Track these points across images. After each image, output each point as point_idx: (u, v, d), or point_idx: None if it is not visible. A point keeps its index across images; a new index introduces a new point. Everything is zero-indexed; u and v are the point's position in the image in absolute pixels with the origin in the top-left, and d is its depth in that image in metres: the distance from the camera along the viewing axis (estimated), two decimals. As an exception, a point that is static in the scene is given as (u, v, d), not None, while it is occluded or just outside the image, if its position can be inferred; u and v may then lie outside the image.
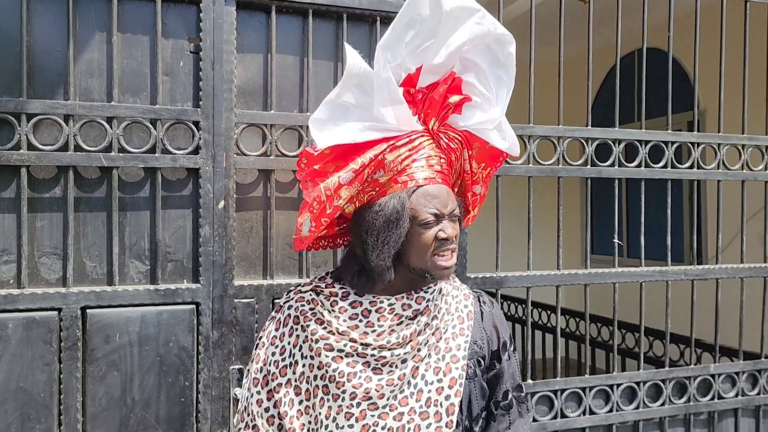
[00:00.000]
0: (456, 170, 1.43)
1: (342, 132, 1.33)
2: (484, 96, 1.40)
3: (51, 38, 1.72)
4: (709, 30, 2.44)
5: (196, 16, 1.82)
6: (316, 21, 1.93)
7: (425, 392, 1.29)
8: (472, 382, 1.36)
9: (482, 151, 1.45)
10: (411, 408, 1.28)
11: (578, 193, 5.96)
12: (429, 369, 1.31)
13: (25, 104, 1.67)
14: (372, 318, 1.32)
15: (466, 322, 1.39)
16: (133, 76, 1.79)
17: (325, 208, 1.29)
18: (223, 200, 1.82)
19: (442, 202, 1.31)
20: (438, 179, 1.33)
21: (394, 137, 1.33)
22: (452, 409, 1.28)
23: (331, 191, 1.28)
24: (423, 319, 1.32)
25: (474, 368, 1.37)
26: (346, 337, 1.30)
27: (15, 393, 1.66)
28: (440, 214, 1.30)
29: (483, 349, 1.40)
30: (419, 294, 1.35)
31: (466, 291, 1.46)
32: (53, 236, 1.73)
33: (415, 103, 1.39)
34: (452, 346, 1.34)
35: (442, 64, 1.38)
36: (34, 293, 1.68)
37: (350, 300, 1.34)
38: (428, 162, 1.34)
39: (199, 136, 1.80)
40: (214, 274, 1.81)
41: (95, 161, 1.72)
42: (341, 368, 1.28)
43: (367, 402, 1.27)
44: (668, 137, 2.33)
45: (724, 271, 2.42)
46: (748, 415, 2.47)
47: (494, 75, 1.41)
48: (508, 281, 2.14)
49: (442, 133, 1.39)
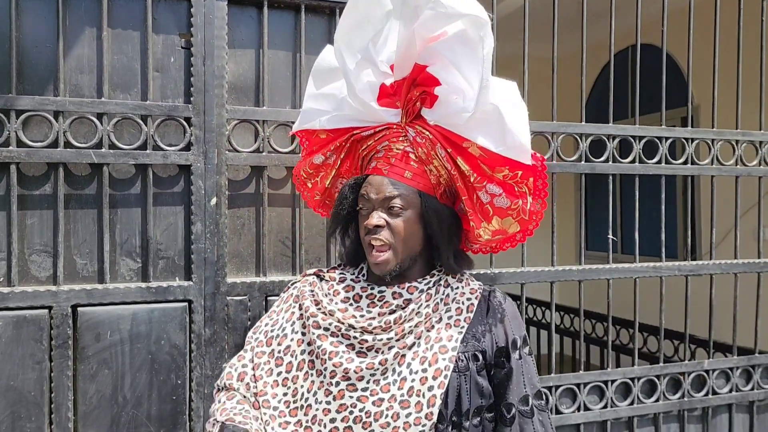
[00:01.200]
0: (435, 168, 1.34)
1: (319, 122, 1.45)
2: (453, 86, 1.30)
3: (40, 34, 1.71)
4: (702, 26, 2.44)
5: (187, 12, 1.80)
6: (308, 16, 1.92)
7: (408, 381, 1.27)
8: (463, 376, 1.30)
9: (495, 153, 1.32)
10: (392, 395, 1.26)
11: (572, 190, 5.97)
12: (416, 358, 1.29)
13: (14, 100, 1.65)
14: (362, 303, 1.35)
15: (464, 314, 1.34)
16: (124, 72, 1.77)
17: (315, 184, 1.51)
18: (215, 197, 1.80)
19: (374, 189, 1.31)
20: (384, 171, 1.32)
21: (361, 128, 1.38)
22: (433, 401, 1.25)
23: (307, 168, 1.50)
24: (411, 307, 1.31)
25: (467, 362, 1.31)
26: (333, 317, 1.32)
27: (5, 392, 1.65)
28: (368, 199, 1.32)
29: (483, 344, 1.34)
30: (412, 284, 1.35)
31: (474, 285, 1.41)
32: (43, 234, 1.72)
33: (395, 96, 1.39)
34: (443, 336, 1.31)
35: (404, 56, 1.34)
36: (24, 291, 1.67)
37: (345, 285, 1.39)
38: (387, 154, 1.35)
39: (191, 133, 1.78)
40: (206, 271, 1.80)
41: (85, 158, 1.71)
42: (324, 346, 1.30)
43: (346, 382, 1.27)
44: (662, 133, 2.32)
45: (718, 266, 2.42)
46: (742, 410, 2.48)
47: (467, 64, 1.28)
48: (502, 278, 2.13)
49: (410, 127, 1.36)
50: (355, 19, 1.36)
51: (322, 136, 1.46)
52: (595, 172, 2.25)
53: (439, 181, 1.36)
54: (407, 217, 1.31)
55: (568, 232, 6.09)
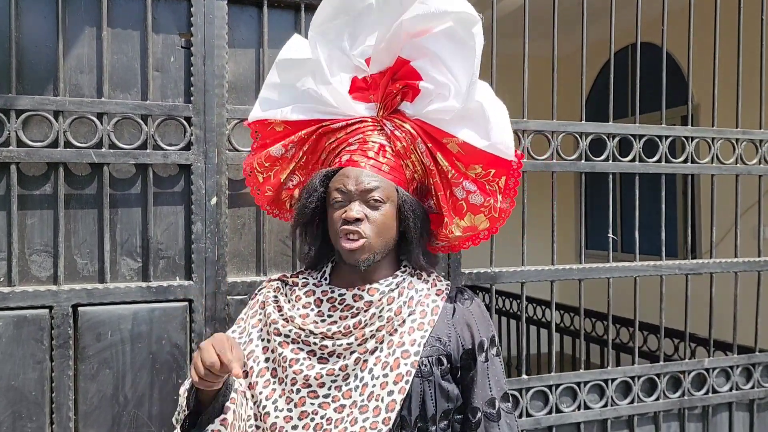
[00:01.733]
0: (413, 162, 1.35)
1: (280, 111, 1.40)
2: (438, 83, 1.30)
3: (40, 33, 1.71)
4: (702, 24, 2.44)
5: (187, 11, 1.80)
6: (308, 15, 1.91)
7: (369, 386, 1.23)
8: (427, 381, 1.27)
9: (474, 151, 1.33)
10: (353, 401, 1.23)
11: (573, 188, 5.97)
12: (378, 363, 1.25)
13: (14, 100, 1.65)
14: (323, 308, 1.31)
15: (429, 317, 1.30)
16: (124, 72, 1.77)
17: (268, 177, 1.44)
18: (216, 196, 1.80)
19: (353, 181, 1.28)
20: (362, 164, 1.30)
21: (330, 120, 1.35)
22: (393, 405, 1.22)
23: (262, 160, 1.42)
24: (372, 311, 1.28)
25: (430, 366, 1.28)
26: (293, 323, 1.30)
27: (6, 391, 1.65)
28: (346, 191, 1.28)
29: (448, 347, 1.31)
30: (373, 285, 1.31)
31: (441, 286, 1.37)
32: (44, 234, 1.72)
33: (369, 90, 1.37)
34: (406, 341, 1.27)
35: (386, 50, 1.33)
36: (25, 291, 1.67)
37: (306, 290, 1.35)
38: (361, 147, 1.32)
39: (191, 132, 1.78)
40: (206, 270, 1.80)
41: (86, 158, 1.71)
42: (285, 353, 1.28)
43: (307, 389, 1.25)
44: (662, 132, 2.32)
45: (718, 265, 2.42)
46: (742, 409, 2.48)
47: (455, 61, 1.28)
48: (502, 276, 2.13)
49: (388, 120, 1.34)
50: (333, 9, 1.36)
51: (278, 128, 1.41)
52: (595, 170, 2.25)
53: (414, 177, 1.36)
54: (385, 210, 1.29)
55: (568, 230, 6.10)
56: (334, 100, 1.34)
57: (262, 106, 1.45)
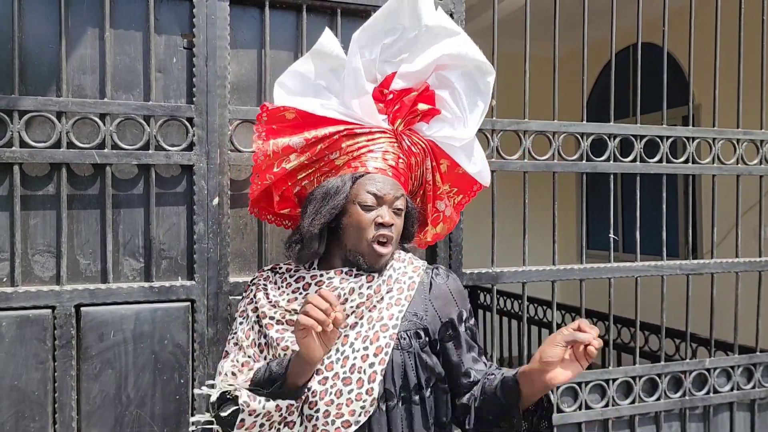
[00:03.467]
0: (417, 177, 1.49)
1: (306, 102, 1.46)
2: (454, 113, 1.49)
3: (43, 34, 1.71)
4: (703, 24, 2.44)
5: (189, 12, 1.81)
6: (310, 16, 1.92)
7: (351, 359, 1.31)
8: (407, 353, 1.36)
9: (452, 172, 1.54)
10: (335, 373, 1.30)
11: (574, 189, 5.96)
12: (359, 338, 1.33)
13: (17, 101, 1.66)
14: (311, 291, 1.38)
15: (405, 293, 1.40)
16: (126, 73, 1.78)
17: (272, 165, 1.43)
18: (218, 197, 1.81)
19: (384, 188, 1.37)
20: (389, 172, 1.40)
21: (354, 124, 1.42)
22: (374, 377, 1.30)
23: (279, 149, 1.42)
24: (350, 286, 1.36)
25: (409, 339, 1.37)
26: (278, 306, 1.38)
27: (9, 391, 1.66)
28: (381, 197, 1.36)
29: (424, 321, 1.40)
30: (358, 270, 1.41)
31: (418, 264, 1.47)
32: (47, 234, 1.72)
33: (386, 103, 1.47)
34: (384, 315, 1.36)
35: (416, 73, 1.47)
36: (28, 291, 1.67)
37: (297, 276, 1.43)
38: (383, 156, 1.41)
39: (193, 133, 1.79)
40: (208, 271, 1.80)
41: (88, 158, 1.71)
42: (271, 334, 1.37)
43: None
44: (663, 132, 2.32)
45: (719, 265, 2.42)
46: (743, 409, 2.48)
47: (470, 99, 1.50)
48: (503, 277, 2.14)
49: (406, 136, 1.46)
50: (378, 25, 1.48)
51: (289, 116, 1.45)
52: (597, 171, 2.25)
53: (411, 189, 1.49)
54: (401, 218, 1.42)
55: (569, 231, 6.09)
56: (362, 109, 1.41)
57: (286, 90, 1.51)
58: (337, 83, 1.49)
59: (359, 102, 1.41)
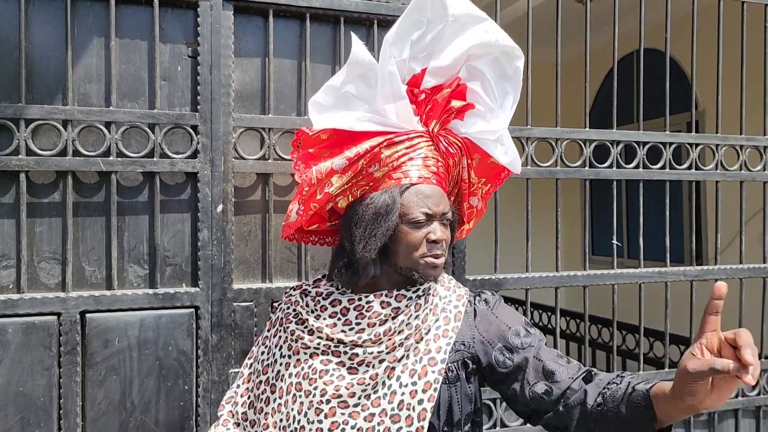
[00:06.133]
0: (453, 177, 1.40)
1: (340, 118, 1.34)
2: (487, 106, 1.38)
3: (49, 44, 1.73)
4: (706, 30, 2.44)
5: (194, 21, 1.82)
6: (313, 24, 1.93)
7: (398, 394, 1.24)
8: (453, 387, 1.29)
9: (483, 164, 1.44)
10: (383, 410, 1.23)
11: (577, 195, 5.96)
12: (405, 371, 1.25)
13: (23, 110, 1.67)
14: (350, 316, 1.30)
15: (452, 324, 1.31)
16: (132, 81, 1.79)
17: (315, 192, 1.30)
18: (222, 204, 1.82)
19: (434, 202, 1.29)
20: (433, 180, 1.31)
21: (392, 132, 1.32)
22: (424, 414, 1.22)
23: (323, 175, 1.29)
24: (401, 318, 1.28)
25: (456, 372, 1.29)
26: (321, 334, 1.29)
27: (15, 398, 1.67)
28: (432, 214, 1.28)
29: (472, 349, 1.31)
30: (400, 292, 1.30)
31: (461, 292, 1.39)
32: (52, 241, 1.73)
33: (418, 103, 1.38)
34: (432, 348, 1.28)
35: (446, 68, 1.37)
36: (34, 298, 1.69)
37: (331, 299, 1.33)
38: (425, 162, 1.32)
39: (198, 140, 1.80)
40: (212, 277, 1.81)
41: (94, 166, 1.73)
42: (315, 365, 1.27)
43: (337, 400, 1.25)
44: (666, 138, 2.33)
45: (723, 271, 2.42)
46: (748, 415, 2.47)
47: (500, 87, 1.40)
48: (506, 283, 2.14)
49: (442, 137, 1.37)
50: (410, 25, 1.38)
51: (323, 137, 1.35)
52: (599, 177, 2.26)
53: (449, 190, 1.39)
54: (448, 227, 1.34)
55: (574, 237, 6.09)
56: (398, 115, 1.32)
57: (315, 108, 1.40)
58: (367, 89, 1.37)
59: (395, 107, 1.32)
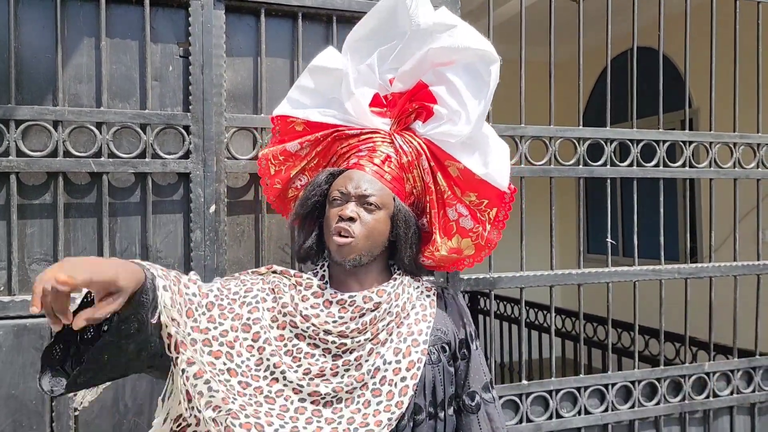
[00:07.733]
0: (414, 178, 1.44)
1: (309, 112, 1.51)
2: (451, 109, 1.41)
3: (39, 44, 1.72)
4: (700, 28, 2.44)
5: (185, 20, 1.81)
6: (305, 23, 1.93)
7: (381, 370, 1.30)
8: (436, 368, 1.37)
9: (470, 178, 1.44)
10: (364, 383, 1.29)
11: (571, 193, 5.96)
12: (389, 350, 1.32)
13: (13, 110, 1.66)
14: (333, 309, 1.33)
15: (429, 309, 1.41)
16: (122, 81, 1.78)
17: (280, 171, 1.54)
18: (214, 204, 1.81)
19: (354, 184, 1.35)
20: (366, 168, 1.39)
21: (347, 126, 1.46)
22: (406, 390, 1.29)
23: (277, 153, 1.53)
24: (383, 307, 1.34)
25: (438, 354, 1.38)
26: (309, 322, 1.31)
27: (6, 400, 1.66)
28: (346, 193, 1.35)
29: (447, 336, 1.42)
30: (380, 287, 1.36)
31: (429, 285, 1.49)
32: (43, 243, 1.72)
33: (386, 105, 1.50)
34: (414, 330, 1.36)
35: (409, 72, 1.46)
36: (25, 300, 1.67)
37: (312, 290, 1.36)
38: (370, 154, 1.42)
39: (190, 141, 1.79)
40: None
41: (85, 167, 1.71)
42: (301, 346, 1.30)
43: (321, 378, 1.29)
44: (660, 136, 2.33)
45: (718, 269, 2.42)
46: (743, 413, 2.47)
47: (472, 92, 1.41)
48: (501, 282, 2.14)
49: (399, 135, 1.45)
50: (370, 30, 1.50)
51: (298, 128, 1.53)
52: (594, 176, 2.26)
53: (412, 192, 1.45)
54: (378, 216, 1.36)
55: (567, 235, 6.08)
56: (354, 110, 1.45)
57: (290, 104, 1.56)
58: (335, 89, 1.53)
59: (350, 104, 1.45)
